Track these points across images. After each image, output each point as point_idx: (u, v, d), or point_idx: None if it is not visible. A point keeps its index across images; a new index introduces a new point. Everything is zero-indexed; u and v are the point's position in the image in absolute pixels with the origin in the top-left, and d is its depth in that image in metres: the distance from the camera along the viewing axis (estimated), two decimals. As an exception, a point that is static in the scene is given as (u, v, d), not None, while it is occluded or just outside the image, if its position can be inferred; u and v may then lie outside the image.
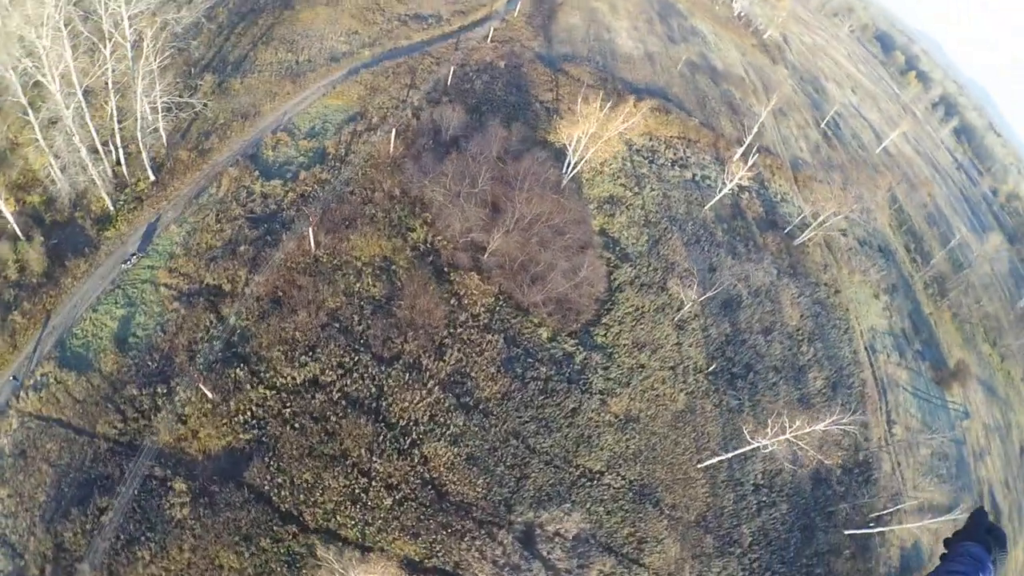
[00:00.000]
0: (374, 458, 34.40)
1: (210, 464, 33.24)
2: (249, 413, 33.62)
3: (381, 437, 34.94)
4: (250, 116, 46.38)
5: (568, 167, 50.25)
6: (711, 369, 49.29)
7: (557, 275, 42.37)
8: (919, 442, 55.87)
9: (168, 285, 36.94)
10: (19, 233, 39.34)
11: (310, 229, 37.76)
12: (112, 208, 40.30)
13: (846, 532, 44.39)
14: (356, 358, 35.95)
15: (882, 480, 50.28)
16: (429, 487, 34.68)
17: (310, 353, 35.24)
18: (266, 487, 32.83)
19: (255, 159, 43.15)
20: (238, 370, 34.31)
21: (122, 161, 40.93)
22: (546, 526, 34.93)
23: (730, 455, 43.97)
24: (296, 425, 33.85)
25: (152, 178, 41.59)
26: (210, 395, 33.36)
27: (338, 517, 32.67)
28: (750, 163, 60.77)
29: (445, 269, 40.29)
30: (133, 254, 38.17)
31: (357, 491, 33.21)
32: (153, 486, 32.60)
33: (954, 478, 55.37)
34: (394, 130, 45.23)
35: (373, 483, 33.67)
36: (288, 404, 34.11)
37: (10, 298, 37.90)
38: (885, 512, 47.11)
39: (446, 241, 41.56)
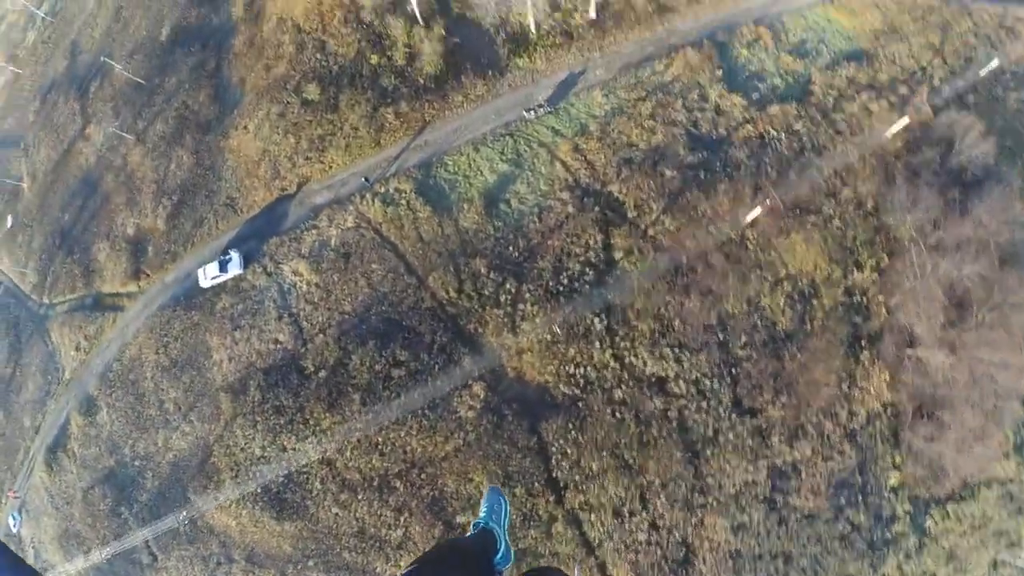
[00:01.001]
0: (662, 493, 28.62)
1: (517, 388, 28.58)
2: (582, 370, 27.57)
3: (681, 480, 28.49)
4: (734, -16, 33.26)
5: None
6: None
7: (957, 434, 30.21)
8: None
9: (567, 165, 29.07)
10: (419, 15, 32.07)
11: (759, 208, 27.23)
12: (533, 32, 31.30)
13: None
14: (716, 387, 27.81)
15: None
16: (683, 549, 29.42)
17: (677, 349, 27.40)
18: (552, 448, 28.21)
19: (723, 50, 31.24)
20: (596, 319, 27.51)
21: None
22: (723, 653, 30.66)
23: None
24: (618, 414, 27.68)
25: (592, 16, 31.36)
26: (556, 330, 27.26)
27: (593, 516, 28.89)
28: None
29: (862, 341, 29.21)
30: (540, 104, 29.91)
31: (625, 509, 28.72)
32: (454, 372, 28.87)
33: None
34: (906, 118, 30.70)
35: (643, 512, 28.67)
36: (623, 387, 27.60)
37: (389, 86, 31.96)
38: None
39: (884, 308, 29.72)
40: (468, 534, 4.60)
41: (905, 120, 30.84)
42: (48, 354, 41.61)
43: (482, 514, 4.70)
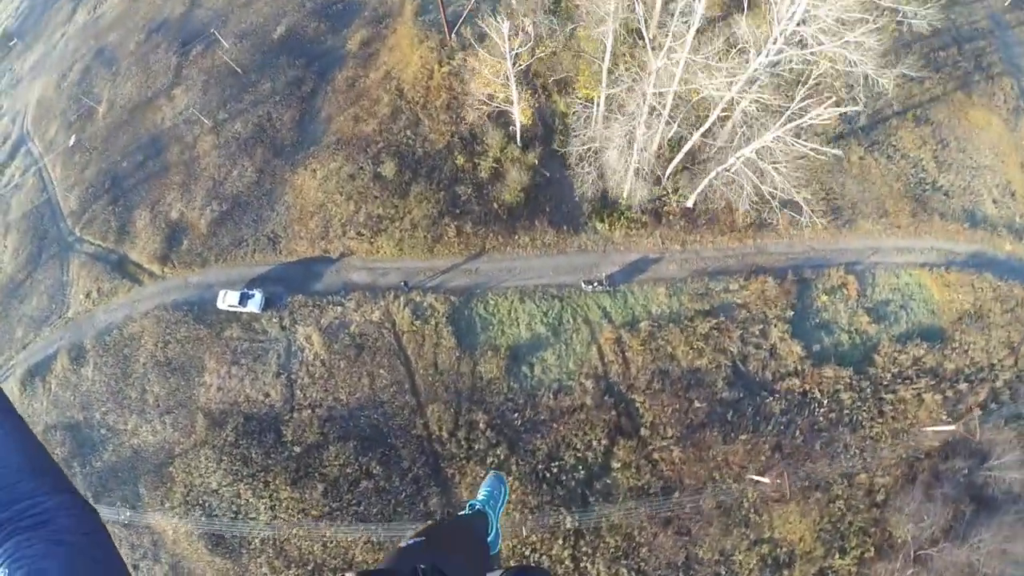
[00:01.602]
0: None
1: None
2: (536, 556, 27.17)
3: None
4: (841, 220, 31.52)
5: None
6: None
7: None
8: None
9: (603, 354, 28.37)
10: (519, 136, 31.13)
11: (767, 478, 26.36)
12: (623, 200, 30.21)
13: None
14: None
15: None
16: None
17: (634, 573, 26.99)
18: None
19: (803, 288, 30.00)
20: (569, 517, 27.03)
21: (673, 161, 29.29)
22: None
23: None
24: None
25: (688, 205, 30.25)
26: (523, 531, 26.82)
27: None
28: None
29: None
30: (601, 280, 29.06)
31: None
32: (418, 507, 28.67)
33: None
34: (952, 427, 29.28)
35: None
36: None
37: (463, 195, 31.16)
38: None
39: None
40: (463, 513, 4.68)
41: (951, 428, 29.60)
42: (60, 283, 42.17)
43: (481, 497, 4.78)
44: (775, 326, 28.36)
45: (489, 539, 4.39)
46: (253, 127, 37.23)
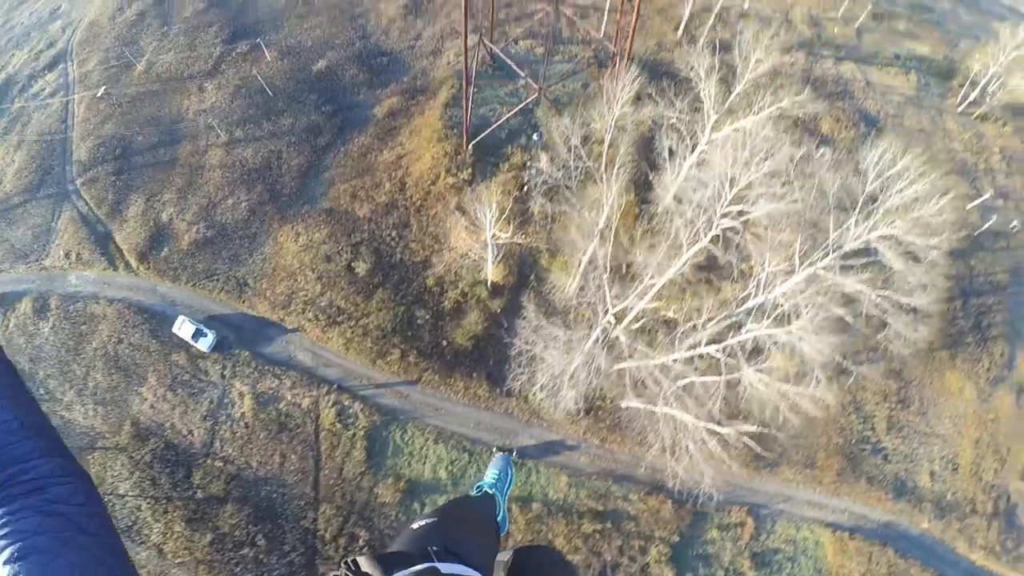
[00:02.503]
0: None
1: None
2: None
3: None
4: (765, 463, 32.11)
5: None
6: None
7: None
8: None
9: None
10: (489, 276, 31.61)
11: None
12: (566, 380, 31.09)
13: None
14: None
15: None
16: None
17: None
18: None
19: (699, 517, 30.65)
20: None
21: (618, 366, 29.85)
22: None
23: None
24: None
25: (623, 405, 30.98)
26: None
27: None
28: None
29: None
30: (511, 450, 30.01)
31: None
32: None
33: None
34: None
35: None
36: None
37: (420, 320, 31.77)
38: None
39: None
40: (471, 495, 4.68)
41: None
42: (48, 227, 43.48)
43: (489, 479, 4.76)
44: (656, 547, 29.75)
45: (498, 519, 4.31)
46: (262, 160, 37.73)
